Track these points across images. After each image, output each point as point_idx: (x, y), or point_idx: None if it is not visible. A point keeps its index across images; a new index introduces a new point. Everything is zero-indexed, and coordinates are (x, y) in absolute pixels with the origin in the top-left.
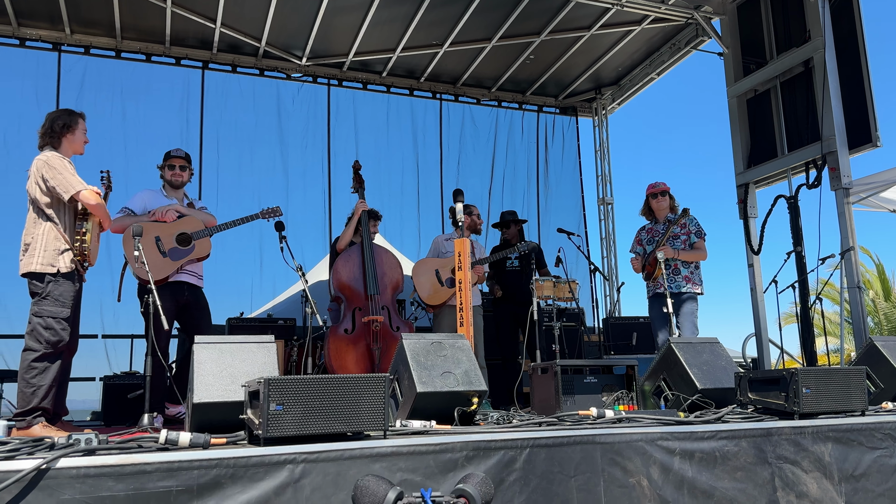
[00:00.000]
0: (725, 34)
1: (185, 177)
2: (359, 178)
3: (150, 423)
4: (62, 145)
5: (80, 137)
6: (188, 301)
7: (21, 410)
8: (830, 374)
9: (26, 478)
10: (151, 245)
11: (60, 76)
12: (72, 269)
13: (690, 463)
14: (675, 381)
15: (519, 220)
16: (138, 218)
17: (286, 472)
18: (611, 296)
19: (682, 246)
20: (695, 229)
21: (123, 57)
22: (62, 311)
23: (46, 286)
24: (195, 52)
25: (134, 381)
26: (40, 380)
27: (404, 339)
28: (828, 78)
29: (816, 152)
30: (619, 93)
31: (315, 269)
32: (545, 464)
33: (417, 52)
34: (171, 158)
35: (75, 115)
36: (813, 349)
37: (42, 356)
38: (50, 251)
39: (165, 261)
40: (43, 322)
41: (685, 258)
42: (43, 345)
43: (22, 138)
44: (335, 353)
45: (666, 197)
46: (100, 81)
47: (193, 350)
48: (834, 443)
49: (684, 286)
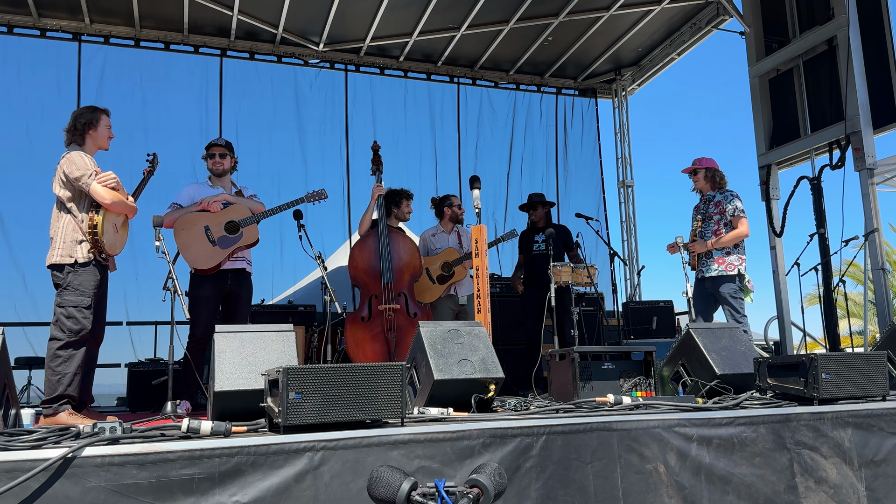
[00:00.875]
0: (747, 12)
1: (226, 164)
2: (377, 160)
3: (173, 410)
4: (86, 142)
5: (103, 133)
6: (230, 290)
7: (48, 398)
8: (851, 360)
9: (53, 466)
10: (201, 234)
11: (81, 66)
12: (90, 259)
13: (708, 449)
14: (694, 366)
15: (546, 203)
16: (187, 210)
17: (305, 460)
18: (631, 279)
19: (714, 227)
20: (730, 207)
21: (142, 46)
22: (83, 299)
23: (66, 276)
24: (213, 39)
25: (158, 367)
26: (65, 368)
27: (421, 327)
28: (852, 57)
29: (840, 132)
30: (639, 73)
31: (335, 254)
32: (562, 451)
33: (434, 35)
34: (212, 147)
35: (98, 112)
36: (836, 332)
37: (66, 344)
38: (68, 242)
39: (215, 249)
40: (65, 311)
41: (719, 246)
42: (66, 333)
43: (44, 129)
44: (352, 340)
45: (697, 176)
46: (119, 70)
47: (214, 339)
48: (854, 428)
49: (713, 268)
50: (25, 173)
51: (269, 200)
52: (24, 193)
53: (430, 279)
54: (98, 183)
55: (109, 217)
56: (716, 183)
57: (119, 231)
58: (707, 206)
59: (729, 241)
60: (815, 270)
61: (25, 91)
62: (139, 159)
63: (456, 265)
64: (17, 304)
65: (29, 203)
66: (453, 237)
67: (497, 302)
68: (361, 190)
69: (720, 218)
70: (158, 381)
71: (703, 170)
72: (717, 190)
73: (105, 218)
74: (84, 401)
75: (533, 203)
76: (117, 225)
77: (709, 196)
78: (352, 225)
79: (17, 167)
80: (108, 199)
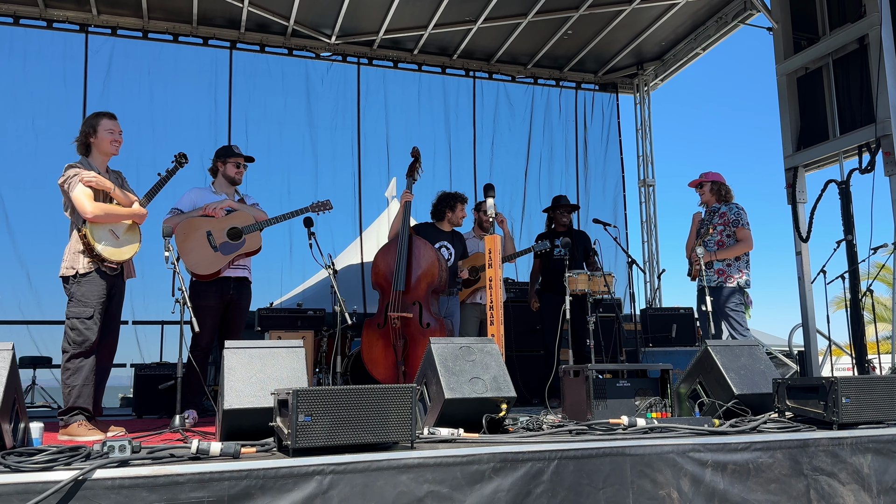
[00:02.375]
0: (775, 8)
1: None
2: (415, 165)
3: (181, 424)
4: (91, 151)
5: (103, 137)
6: (231, 298)
7: (61, 410)
8: (872, 383)
9: (64, 489)
10: (203, 240)
11: (88, 58)
12: (90, 269)
13: (723, 475)
14: (712, 385)
15: (572, 206)
16: (188, 215)
17: (314, 484)
18: (651, 282)
19: (718, 237)
20: (734, 218)
21: (150, 37)
22: (85, 310)
23: (71, 288)
24: (223, 31)
25: (165, 371)
26: (74, 380)
27: (433, 344)
28: (883, 56)
29: (870, 135)
30: (662, 68)
31: (344, 252)
32: (573, 476)
33: (450, 28)
34: (237, 157)
35: (98, 117)
36: (862, 343)
37: (72, 356)
38: (71, 254)
39: (217, 255)
40: (70, 323)
41: (723, 256)
42: (72, 346)
43: (50, 122)
44: (367, 344)
45: (703, 189)
46: (127, 63)
47: (223, 356)
48: (874, 454)
49: (715, 279)
50: (31, 167)
51: (279, 197)
52: (30, 188)
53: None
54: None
55: (99, 225)
56: (721, 196)
57: (122, 237)
58: (712, 217)
59: (732, 252)
60: (841, 279)
61: (31, 84)
62: (147, 155)
63: (483, 270)
64: (21, 302)
65: (34, 198)
66: (482, 242)
67: (511, 307)
68: (373, 187)
69: (723, 229)
70: (165, 385)
71: (709, 183)
72: (722, 202)
73: (93, 227)
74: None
75: (573, 206)
76: (117, 231)
77: (714, 208)
78: (363, 223)
79: (23, 161)
80: (89, 209)
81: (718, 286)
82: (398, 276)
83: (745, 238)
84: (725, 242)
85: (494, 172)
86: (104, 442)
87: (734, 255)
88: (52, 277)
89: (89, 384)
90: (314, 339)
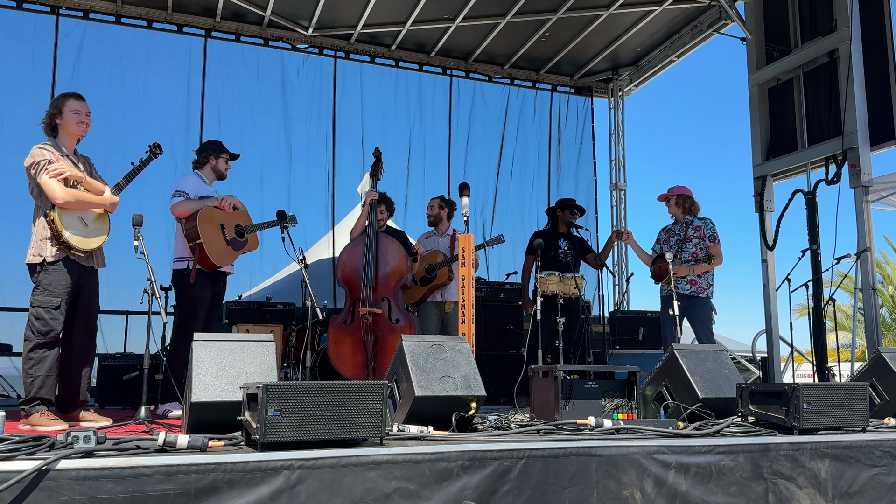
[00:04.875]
0: (749, 18)
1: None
2: (377, 166)
3: (146, 415)
4: (59, 133)
5: (69, 118)
6: (218, 292)
7: (22, 400)
8: (832, 390)
9: (27, 479)
10: (219, 231)
11: (58, 41)
12: (58, 257)
13: (685, 477)
14: (677, 388)
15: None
16: (203, 202)
17: (282, 478)
18: (619, 286)
19: (693, 249)
20: (709, 233)
21: (123, 23)
22: (51, 300)
23: (38, 276)
24: (198, 19)
25: (130, 362)
26: (36, 370)
27: (404, 341)
28: (852, 71)
29: (837, 147)
30: (636, 74)
31: (316, 245)
32: (540, 475)
33: (428, 25)
34: (229, 153)
35: (64, 97)
36: (824, 349)
37: (35, 346)
38: (38, 241)
39: (228, 249)
40: (34, 312)
41: (698, 271)
42: (35, 335)
43: (16, 103)
44: (333, 342)
45: (670, 203)
46: (98, 47)
47: (192, 348)
48: (832, 459)
49: (689, 289)
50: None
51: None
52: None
53: (413, 280)
54: (49, 175)
55: (68, 211)
56: (687, 209)
57: (91, 224)
58: (685, 229)
59: (707, 267)
60: (805, 287)
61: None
62: (117, 141)
63: (439, 268)
64: None
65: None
66: (445, 240)
67: (481, 307)
68: (346, 181)
69: (699, 242)
70: (129, 376)
71: (675, 196)
72: (692, 215)
73: (62, 213)
74: (74, 400)
75: (568, 206)
76: (86, 218)
77: (686, 220)
78: (335, 217)
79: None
80: (60, 195)
81: (692, 295)
82: (368, 272)
83: (717, 254)
84: (699, 254)
85: (468, 171)
86: (69, 432)
87: (708, 269)
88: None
89: (52, 375)
90: (283, 334)
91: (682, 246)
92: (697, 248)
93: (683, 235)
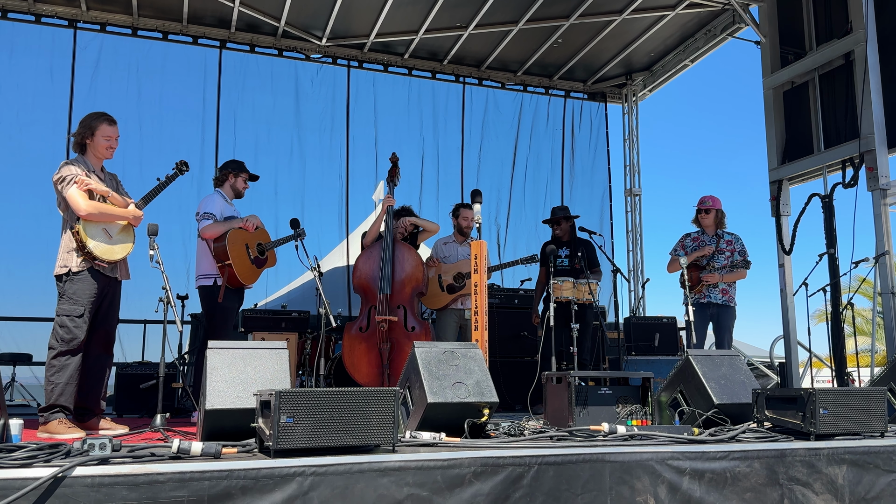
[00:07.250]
0: (763, 22)
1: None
2: (394, 171)
3: (162, 423)
4: (87, 152)
5: (100, 143)
6: (239, 303)
7: (42, 407)
8: (849, 395)
9: (43, 486)
10: (245, 251)
11: (76, 54)
12: (83, 267)
13: (700, 483)
14: (692, 394)
15: (570, 217)
16: (230, 223)
17: (295, 485)
18: (635, 291)
19: (725, 261)
20: (740, 248)
21: (140, 35)
22: (75, 308)
23: (63, 286)
24: (213, 30)
25: (147, 370)
26: (58, 377)
27: (416, 348)
28: (868, 73)
29: (854, 150)
30: (650, 79)
31: (330, 254)
32: (553, 481)
33: (441, 34)
34: (248, 173)
35: (97, 120)
36: (842, 355)
37: (58, 354)
38: (64, 252)
39: (252, 268)
40: (59, 321)
41: (728, 280)
42: (59, 343)
43: (35, 117)
44: (349, 349)
45: (711, 214)
46: (115, 60)
47: (207, 356)
48: (849, 465)
49: (721, 298)
50: (14, 162)
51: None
52: (13, 182)
53: (439, 286)
54: (77, 187)
55: (93, 223)
56: (720, 222)
57: (115, 236)
58: (717, 241)
59: (736, 277)
60: (823, 291)
61: (17, 77)
62: (133, 152)
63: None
64: (3, 298)
65: (17, 193)
66: (465, 248)
67: (496, 314)
68: (360, 190)
69: (731, 255)
70: (146, 385)
71: (715, 211)
72: (720, 228)
73: (86, 225)
74: (91, 409)
75: (556, 218)
76: (111, 230)
77: (719, 233)
78: (349, 225)
79: (5, 155)
80: (83, 207)
81: (724, 304)
82: (384, 279)
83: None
84: (735, 261)
85: (481, 178)
86: (84, 440)
87: (736, 279)
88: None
89: (73, 383)
90: (298, 342)
91: (716, 258)
92: (730, 260)
93: (716, 247)
